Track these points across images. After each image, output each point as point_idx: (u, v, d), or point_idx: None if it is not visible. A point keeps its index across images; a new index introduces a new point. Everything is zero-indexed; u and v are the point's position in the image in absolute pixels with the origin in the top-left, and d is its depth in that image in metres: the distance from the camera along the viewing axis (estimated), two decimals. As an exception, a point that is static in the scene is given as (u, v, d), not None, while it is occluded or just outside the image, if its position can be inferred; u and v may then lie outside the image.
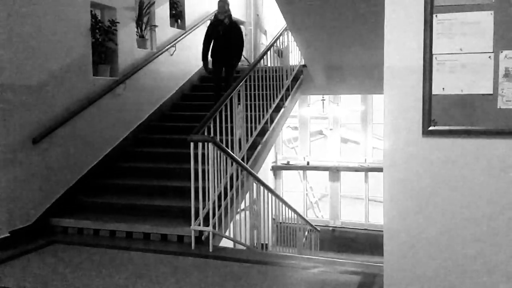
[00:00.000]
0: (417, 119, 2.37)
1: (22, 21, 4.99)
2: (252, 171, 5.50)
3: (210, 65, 7.02)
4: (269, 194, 5.94)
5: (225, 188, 5.03)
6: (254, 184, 5.48)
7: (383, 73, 2.43)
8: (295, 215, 7.52)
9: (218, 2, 6.95)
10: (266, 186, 5.79)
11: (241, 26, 8.02)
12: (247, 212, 5.57)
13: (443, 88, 2.33)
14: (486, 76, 2.27)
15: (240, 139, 5.77)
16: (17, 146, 4.95)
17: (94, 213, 5.36)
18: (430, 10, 2.32)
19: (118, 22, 6.45)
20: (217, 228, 4.75)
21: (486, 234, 2.33)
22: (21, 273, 4.02)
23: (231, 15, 6.93)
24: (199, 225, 4.61)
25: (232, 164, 5.16)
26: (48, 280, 3.85)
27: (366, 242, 10.94)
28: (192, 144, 4.62)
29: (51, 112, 5.36)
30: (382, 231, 2.54)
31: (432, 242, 2.41)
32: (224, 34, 6.80)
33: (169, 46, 7.56)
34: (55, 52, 5.41)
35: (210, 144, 4.62)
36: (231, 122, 5.62)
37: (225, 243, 5.14)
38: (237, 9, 10.47)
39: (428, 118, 2.35)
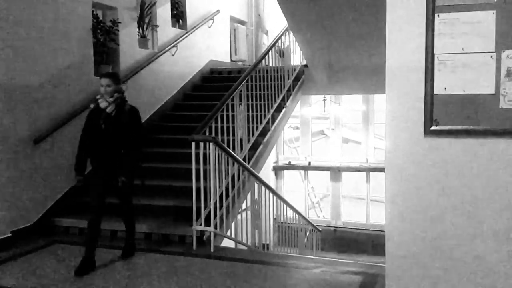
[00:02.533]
0: (419, 119, 2.37)
1: (23, 22, 4.99)
2: (253, 171, 5.49)
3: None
4: (271, 194, 5.94)
5: (227, 188, 5.02)
6: (256, 184, 5.48)
7: (384, 73, 2.42)
8: (297, 215, 7.51)
9: (100, 77, 4.28)
10: (267, 186, 5.79)
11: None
12: (249, 212, 5.56)
13: (445, 88, 2.32)
14: (488, 76, 2.26)
15: (241, 139, 5.77)
16: (19, 146, 4.96)
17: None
18: (431, 9, 2.31)
19: (119, 22, 6.45)
20: (218, 228, 4.75)
21: (488, 233, 2.32)
22: (22, 273, 4.03)
23: (121, 98, 4.22)
24: (201, 225, 4.61)
25: (233, 164, 5.16)
26: (49, 280, 3.85)
27: (368, 242, 10.93)
28: (193, 144, 4.62)
29: (52, 112, 5.36)
30: (383, 231, 2.53)
31: (433, 242, 2.40)
32: (108, 130, 4.13)
33: (170, 46, 7.56)
34: (57, 52, 5.42)
35: (211, 144, 4.62)
36: (233, 122, 5.62)
37: (227, 243, 5.14)
38: (239, 9, 10.48)
39: (429, 118, 2.34)
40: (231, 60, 10.03)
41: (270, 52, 6.94)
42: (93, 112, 4.20)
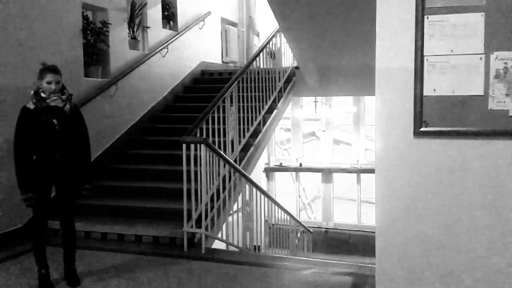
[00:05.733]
0: (409, 120, 2.38)
1: (13, 23, 4.96)
2: (244, 172, 5.49)
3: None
4: (262, 196, 5.94)
5: (218, 190, 5.02)
6: (247, 186, 5.47)
7: (375, 74, 2.43)
8: (288, 216, 7.52)
9: (46, 71, 3.62)
10: (258, 188, 5.79)
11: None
12: (240, 214, 5.56)
13: (434, 90, 2.34)
14: (477, 78, 2.28)
15: (232, 141, 5.77)
16: (7, 147, 4.91)
17: (85, 215, 5.32)
18: (421, 11, 2.33)
19: (109, 24, 6.43)
20: (209, 230, 4.74)
21: (477, 234, 2.33)
22: (11, 276, 3.99)
23: (72, 95, 3.80)
24: (192, 227, 4.60)
25: (224, 166, 5.15)
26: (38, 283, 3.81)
27: (359, 243, 10.96)
28: (184, 146, 4.61)
29: (42, 113, 5.32)
30: (374, 232, 2.54)
31: (424, 243, 2.41)
32: (63, 132, 3.67)
33: (161, 47, 7.54)
34: (46, 53, 5.38)
35: (202, 145, 4.62)
36: (224, 123, 5.61)
37: (218, 245, 5.13)
38: (230, 11, 10.49)
39: (419, 119, 2.35)
40: (222, 61, 10.03)
41: (261, 53, 6.95)
42: (36, 113, 3.58)
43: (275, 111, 7.07)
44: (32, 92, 3.65)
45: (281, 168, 12.13)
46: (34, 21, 5.22)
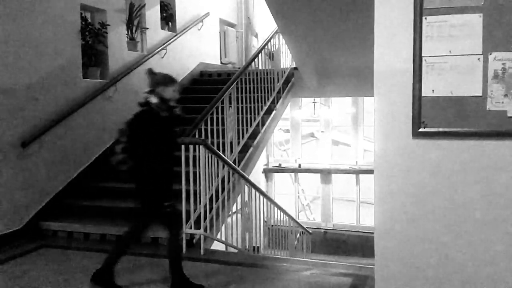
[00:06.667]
0: (407, 121, 2.38)
1: (11, 23, 4.95)
2: (243, 173, 5.49)
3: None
4: (261, 197, 5.94)
5: (217, 191, 5.01)
6: (246, 187, 5.47)
7: (373, 75, 2.43)
8: (287, 217, 7.51)
9: (174, 81, 3.84)
10: (257, 189, 5.79)
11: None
12: (239, 215, 5.56)
13: (433, 90, 2.34)
14: (476, 78, 2.28)
15: (231, 142, 5.76)
16: (6, 149, 4.91)
17: (84, 217, 5.32)
18: (419, 12, 2.33)
19: (108, 25, 6.42)
20: (208, 231, 4.73)
21: (476, 235, 2.34)
22: (10, 278, 3.98)
23: None
24: (191, 228, 4.59)
25: (223, 167, 5.15)
26: (37, 285, 3.81)
27: (358, 244, 10.96)
28: (183, 147, 4.60)
29: (40, 115, 5.32)
30: (373, 233, 2.54)
31: (423, 243, 2.41)
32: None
33: (160, 48, 7.54)
34: (45, 54, 5.38)
35: (201, 146, 4.61)
36: (223, 124, 5.61)
37: (217, 246, 5.13)
38: (228, 12, 10.49)
39: (418, 120, 2.35)
40: (221, 62, 10.03)
41: (259, 54, 6.95)
42: (169, 121, 3.51)
43: (274, 112, 7.07)
44: (158, 100, 3.50)
45: (280, 169, 12.14)
46: (32, 22, 5.21)
